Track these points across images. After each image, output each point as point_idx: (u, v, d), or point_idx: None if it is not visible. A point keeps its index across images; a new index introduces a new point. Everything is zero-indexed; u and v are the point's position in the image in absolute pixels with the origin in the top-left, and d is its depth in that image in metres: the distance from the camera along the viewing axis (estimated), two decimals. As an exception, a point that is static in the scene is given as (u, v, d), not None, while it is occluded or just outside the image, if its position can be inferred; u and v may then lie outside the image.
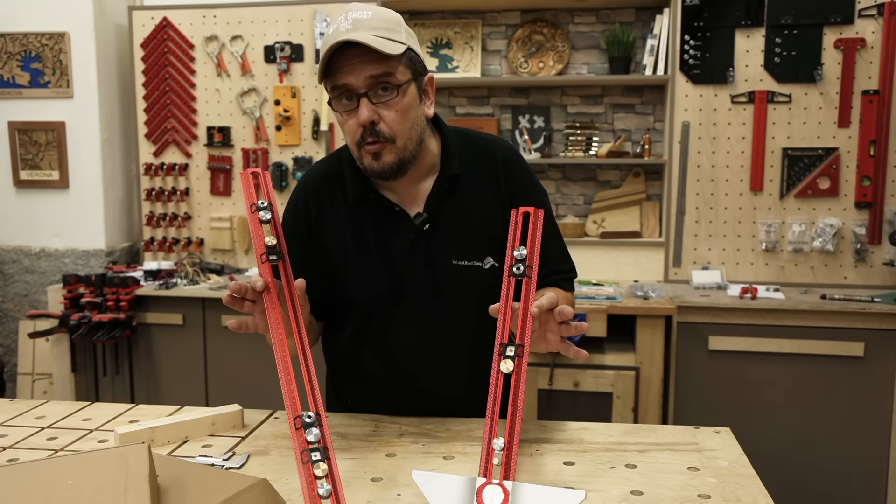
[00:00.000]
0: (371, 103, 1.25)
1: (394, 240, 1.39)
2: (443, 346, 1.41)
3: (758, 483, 1.11)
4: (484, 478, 1.01)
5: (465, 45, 3.39)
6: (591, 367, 2.74)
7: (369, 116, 1.25)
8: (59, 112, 3.41)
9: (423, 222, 1.37)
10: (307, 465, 0.92)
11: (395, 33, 1.26)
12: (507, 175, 1.42)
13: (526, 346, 1.10)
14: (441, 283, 1.38)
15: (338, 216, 1.41)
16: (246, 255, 3.48)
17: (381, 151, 1.28)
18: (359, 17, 1.24)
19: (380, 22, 1.25)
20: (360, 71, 1.24)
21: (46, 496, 0.85)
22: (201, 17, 3.40)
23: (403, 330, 1.41)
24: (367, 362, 1.45)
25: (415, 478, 1.08)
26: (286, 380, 1.01)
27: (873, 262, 3.00)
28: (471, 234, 1.39)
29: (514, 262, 1.15)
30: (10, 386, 3.52)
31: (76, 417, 1.42)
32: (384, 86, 1.25)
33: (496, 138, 1.51)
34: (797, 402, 2.72)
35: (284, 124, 3.38)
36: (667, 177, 3.13)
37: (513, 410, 1.05)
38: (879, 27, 2.91)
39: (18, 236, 3.51)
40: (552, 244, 1.46)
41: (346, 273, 1.40)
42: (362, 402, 1.48)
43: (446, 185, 1.38)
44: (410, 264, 1.38)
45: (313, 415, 0.97)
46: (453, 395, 1.44)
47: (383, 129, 1.27)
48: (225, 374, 3.04)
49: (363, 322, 1.42)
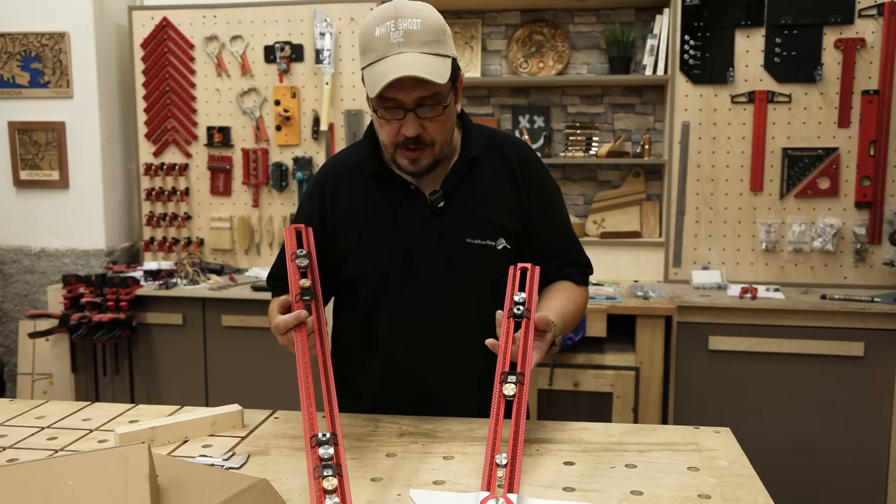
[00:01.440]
0: (417, 118, 1.30)
1: (409, 217, 1.42)
2: (454, 324, 1.43)
3: (758, 483, 1.11)
4: (487, 491, 1.01)
5: (465, 45, 3.39)
6: (591, 367, 2.74)
7: (416, 131, 1.31)
8: (59, 112, 3.41)
9: (438, 199, 1.41)
10: (318, 479, 0.92)
11: (442, 45, 1.30)
12: (524, 171, 1.47)
13: (527, 376, 1.13)
14: (454, 261, 1.42)
15: (353, 195, 1.45)
16: (246, 255, 3.48)
17: (420, 157, 1.34)
18: (409, 28, 1.26)
19: (429, 34, 1.28)
20: (410, 90, 1.27)
21: (46, 496, 0.85)
22: (201, 17, 3.40)
23: (416, 306, 1.43)
24: (378, 338, 1.47)
25: (412, 497, 1.06)
26: (307, 402, 1.05)
27: (873, 262, 3.00)
28: (485, 216, 1.43)
29: (515, 305, 1.21)
30: (10, 386, 3.52)
31: (76, 417, 1.42)
32: (432, 104, 1.30)
33: (514, 136, 1.58)
34: (797, 402, 2.72)
35: (284, 124, 3.38)
36: (667, 177, 3.13)
37: (514, 441, 1.05)
38: (879, 27, 2.91)
39: (18, 236, 3.51)
40: (565, 239, 1.52)
41: (359, 247, 1.44)
42: (368, 384, 1.49)
43: (464, 167, 1.43)
44: (425, 241, 1.42)
45: (329, 434, 0.99)
46: (462, 375, 1.44)
47: (425, 138, 1.33)
48: (225, 374, 3.04)
49: (375, 297, 1.45)
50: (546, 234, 1.49)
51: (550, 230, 1.50)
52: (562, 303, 1.41)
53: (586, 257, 1.56)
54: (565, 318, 1.38)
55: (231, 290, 3.01)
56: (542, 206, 1.48)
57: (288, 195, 3.42)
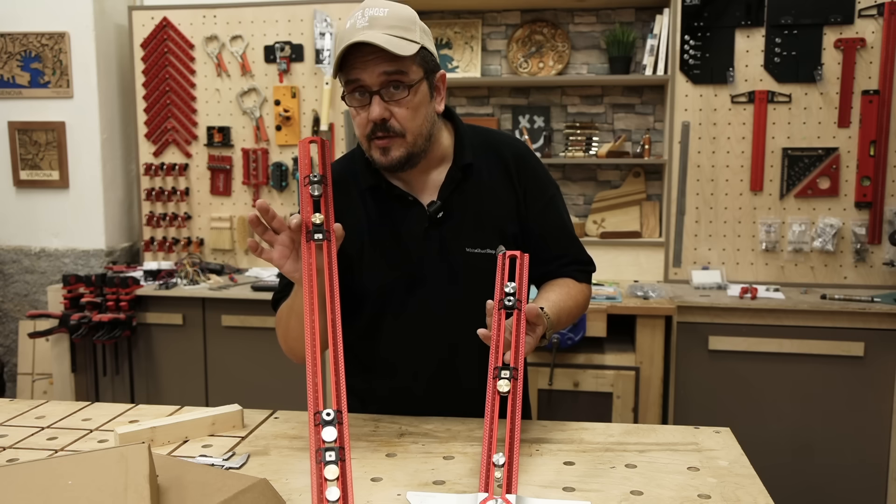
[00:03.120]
0: (383, 101, 1.29)
1: (407, 228, 1.41)
2: (457, 334, 1.42)
3: (758, 483, 1.11)
4: (486, 492, 1.00)
5: (465, 45, 3.39)
6: (591, 367, 2.74)
7: (381, 114, 1.29)
8: (59, 112, 3.41)
9: (436, 210, 1.40)
10: (319, 465, 0.88)
11: (409, 32, 1.30)
12: (520, 170, 1.46)
13: (520, 370, 1.11)
14: (455, 271, 1.41)
15: (352, 209, 1.44)
16: (246, 255, 3.48)
17: (391, 146, 1.32)
18: (375, 14, 1.28)
19: (395, 20, 1.29)
20: (372, 69, 1.27)
21: (46, 496, 0.85)
22: (201, 17, 3.40)
23: (418, 317, 1.42)
24: (381, 349, 1.47)
25: (410, 500, 1.06)
26: (313, 371, 0.96)
27: (873, 262, 3.00)
28: (484, 223, 1.42)
29: (505, 296, 1.19)
30: (10, 386, 3.52)
31: (76, 417, 1.42)
32: (396, 84, 1.29)
33: (509, 135, 1.56)
34: (797, 402, 2.72)
35: (284, 124, 3.38)
36: (667, 177, 3.13)
37: (510, 437, 1.05)
38: (879, 27, 2.91)
39: (18, 236, 3.51)
40: (566, 238, 1.50)
41: (361, 262, 1.43)
42: (374, 392, 1.49)
43: (459, 174, 1.42)
44: (424, 252, 1.41)
45: (333, 412, 0.93)
46: (467, 385, 1.43)
47: (394, 125, 1.31)
48: (225, 374, 3.04)
49: (378, 310, 1.44)
50: (546, 234, 1.48)
51: (550, 230, 1.49)
52: (559, 297, 1.41)
53: (588, 256, 1.54)
54: (561, 313, 1.37)
55: (231, 290, 3.01)
56: (541, 205, 1.47)
57: (288, 195, 3.42)
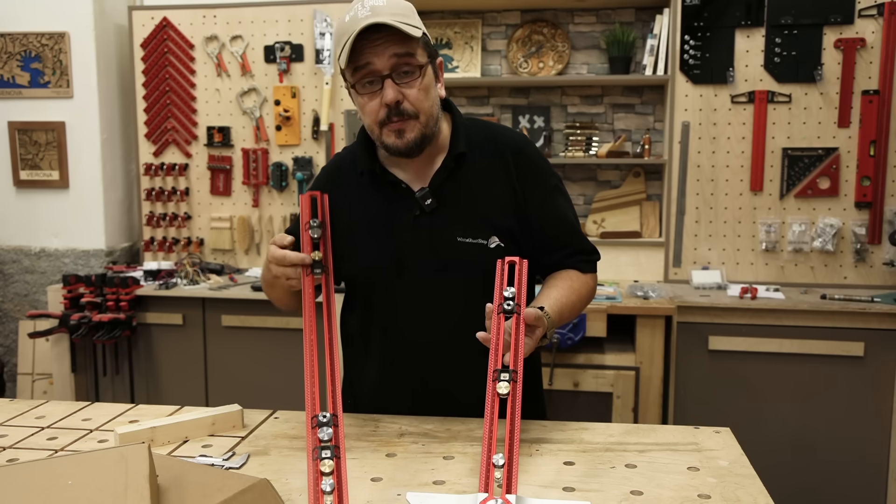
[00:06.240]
0: (395, 84, 1.31)
1: (399, 215, 1.42)
2: (447, 323, 1.42)
3: (758, 483, 1.11)
4: (486, 492, 1.00)
5: (465, 45, 3.39)
6: (591, 367, 2.74)
7: (394, 96, 1.31)
8: (59, 112, 3.41)
9: (425, 197, 1.41)
10: (316, 461, 0.94)
11: (410, 19, 1.33)
12: (519, 165, 1.46)
13: (519, 373, 1.12)
14: (445, 260, 1.41)
15: (348, 195, 1.46)
16: (246, 255, 3.48)
17: (405, 129, 1.34)
18: (375, 4, 1.31)
19: (396, 8, 1.32)
20: (383, 52, 1.30)
21: (46, 496, 0.85)
22: (201, 17, 3.40)
23: (409, 304, 1.43)
24: (373, 336, 1.48)
25: (409, 500, 1.06)
26: (311, 381, 1.05)
27: (873, 262, 3.00)
28: (477, 213, 1.42)
29: (505, 300, 1.19)
30: (10, 386, 3.52)
31: (76, 417, 1.42)
32: (406, 68, 1.32)
33: (511, 130, 1.57)
34: (797, 402, 2.72)
35: (284, 124, 3.38)
36: (667, 177, 3.13)
37: (510, 437, 1.05)
38: (879, 27, 2.91)
39: (18, 236, 3.51)
40: (568, 229, 1.50)
41: (353, 247, 1.44)
42: (366, 383, 1.50)
43: (452, 164, 1.43)
44: (415, 240, 1.42)
45: (329, 415, 1.00)
46: (458, 376, 1.43)
47: (407, 108, 1.33)
48: (225, 374, 3.04)
49: (368, 296, 1.46)
50: (548, 226, 1.47)
51: (552, 221, 1.48)
52: (562, 292, 1.41)
53: (592, 245, 1.53)
54: (563, 309, 1.38)
55: (231, 290, 3.01)
56: (542, 198, 1.46)
57: (288, 195, 3.42)
